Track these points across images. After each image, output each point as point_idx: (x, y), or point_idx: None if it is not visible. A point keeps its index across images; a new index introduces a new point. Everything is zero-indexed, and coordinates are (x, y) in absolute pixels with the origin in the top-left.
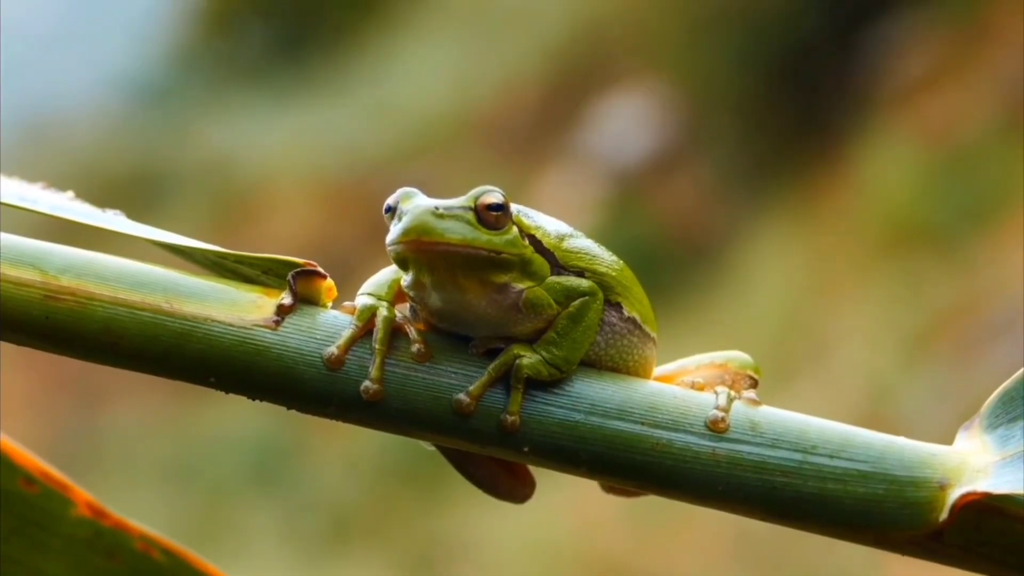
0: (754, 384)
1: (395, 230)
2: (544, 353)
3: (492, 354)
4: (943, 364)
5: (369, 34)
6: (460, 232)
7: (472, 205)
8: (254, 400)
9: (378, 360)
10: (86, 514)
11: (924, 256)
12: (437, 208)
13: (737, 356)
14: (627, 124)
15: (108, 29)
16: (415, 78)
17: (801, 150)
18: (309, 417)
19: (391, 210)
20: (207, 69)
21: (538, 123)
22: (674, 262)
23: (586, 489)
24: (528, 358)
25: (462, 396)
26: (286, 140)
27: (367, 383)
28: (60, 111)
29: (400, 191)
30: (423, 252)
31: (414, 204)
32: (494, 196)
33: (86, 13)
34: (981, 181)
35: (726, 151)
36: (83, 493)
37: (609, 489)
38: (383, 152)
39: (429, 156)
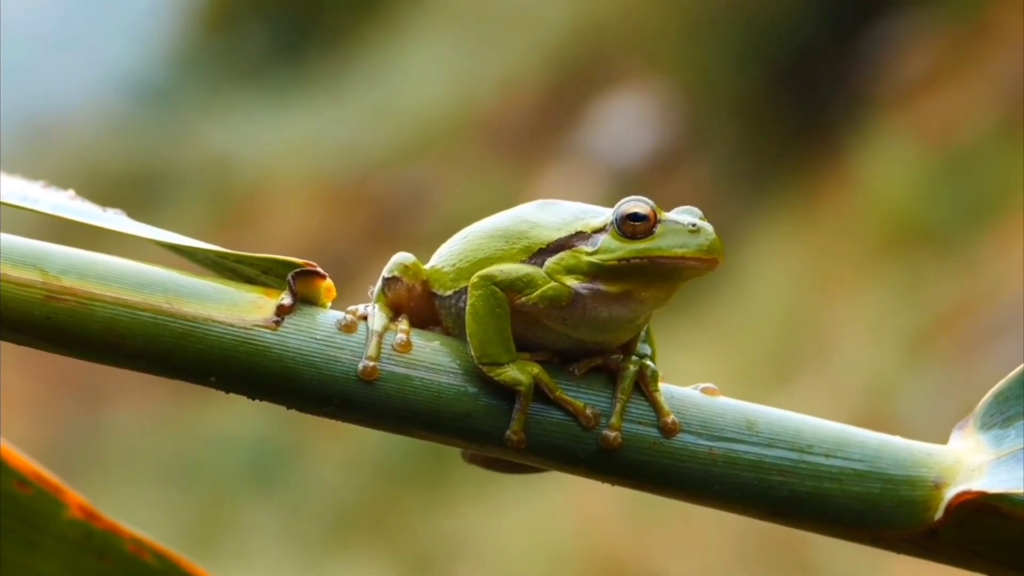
0: None
1: (696, 243)
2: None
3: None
4: (943, 363)
5: (369, 34)
6: None
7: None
8: (254, 399)
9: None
10: (78, 516)
11: (924, 256)
12: None
13: None
14: (627, 124)
15: (108, 29)
16: (415, 78)
17: (801, 150)
18: (309, 417)
19: (640, 219)
20: (207, 69)
21: (538, 123)
22: None
23: (587, 488)
24: (645, 360)
25: (607, 432)
26: (286, 140)
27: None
28: (60, 111)
29: (638, 199)
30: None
31: (692, 218)
32: None
33: (86, 13)
34: (981, 181)
35: (726, 151)
36: (75, 495)
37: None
38: (383, 152)
39: (429, 156)
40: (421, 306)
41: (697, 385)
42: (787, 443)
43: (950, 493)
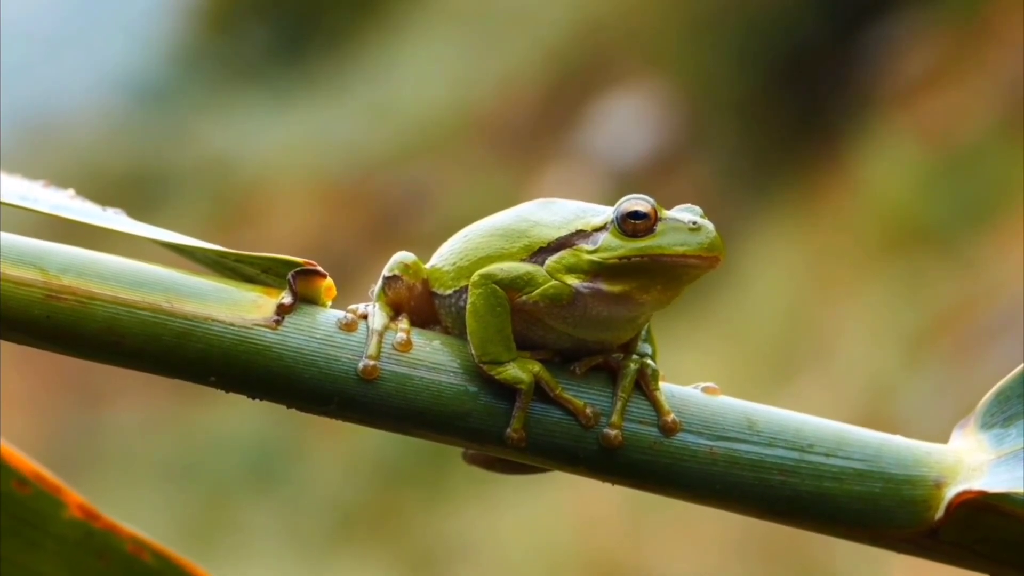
0: None
1: (697, 241)
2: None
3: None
4: (943, 363)
5: (369, 34)
6: None
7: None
8: (254, 399)
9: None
10: (78, 516)
11: (924, 256)
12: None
13: None
14: (627, 124)
15: (108, 29)
16: (415, 78)
17: (801, 150)
18: (309, 417)
19: (640, 217)
20: (207, 69)
21: (538, 123)
22: None
23: (587, 490)
24: (646, 359)
25: (608, 431)
26: (286, 140)
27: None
28: (61, 111)
29: (639, 198)
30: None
31: (693, 216)
32: None
33: (87, 13)
34: (981, 181)
35: (726, 151)
36: (75, 495)
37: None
38: (383, 152)
39: (429, 156)
40: (421, 305)
41: (698, 384)
42: (788, 442)
43: (951, 492)
